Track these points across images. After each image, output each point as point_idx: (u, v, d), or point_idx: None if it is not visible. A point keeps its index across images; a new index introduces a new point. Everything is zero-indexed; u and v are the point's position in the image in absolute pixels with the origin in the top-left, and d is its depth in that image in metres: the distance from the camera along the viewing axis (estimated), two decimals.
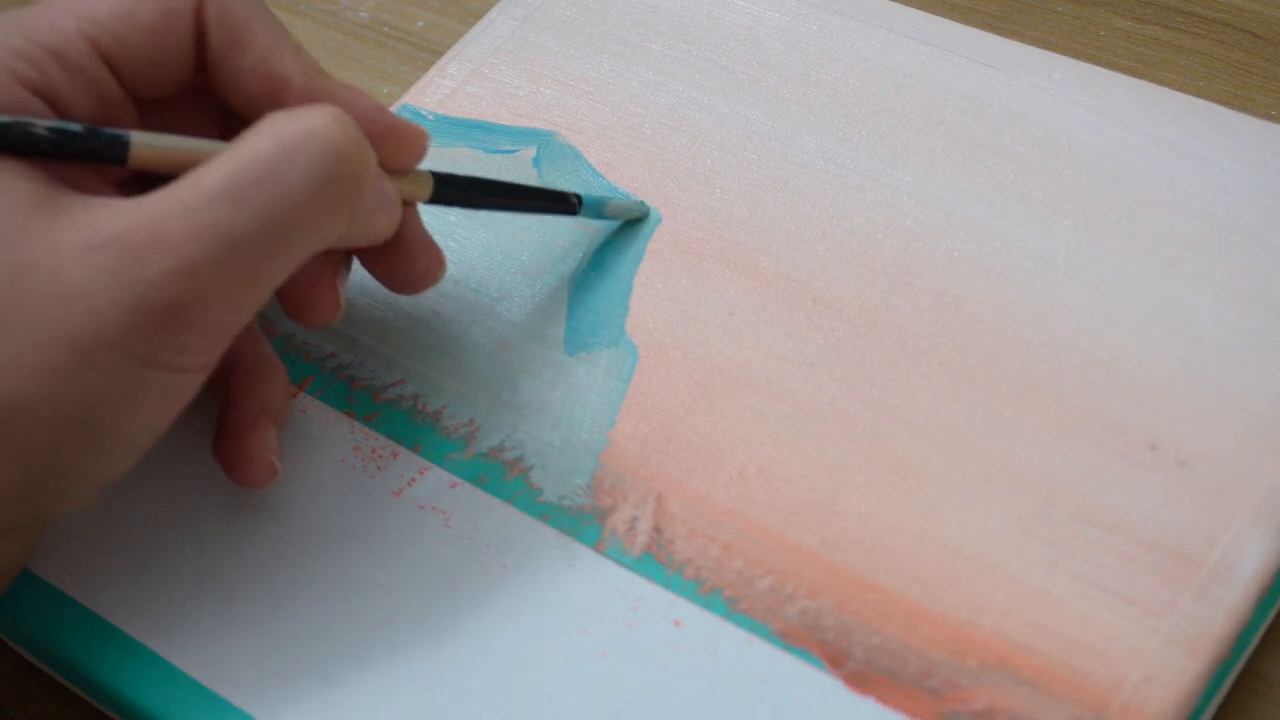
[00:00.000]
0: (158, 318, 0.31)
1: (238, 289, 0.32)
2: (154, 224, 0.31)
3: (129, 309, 0.30)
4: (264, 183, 0.31)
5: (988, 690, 0.32)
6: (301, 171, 0.32)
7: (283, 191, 0.31)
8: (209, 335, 0.32)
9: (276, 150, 0.31)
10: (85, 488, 0.33)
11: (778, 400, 0.37)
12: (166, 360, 0.31)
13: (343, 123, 0.32)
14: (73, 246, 0.30)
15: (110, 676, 0.35)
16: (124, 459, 0.33)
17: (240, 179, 0.31)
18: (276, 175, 0.31)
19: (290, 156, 0.31)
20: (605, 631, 0.34)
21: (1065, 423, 0.36)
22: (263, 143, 0.32)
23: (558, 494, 0.37)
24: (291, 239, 0.32)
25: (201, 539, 0.37)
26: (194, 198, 0.31)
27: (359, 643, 0.35)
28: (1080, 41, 0.46)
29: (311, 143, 0.32)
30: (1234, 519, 0.34)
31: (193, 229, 0.31)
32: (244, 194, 0.31)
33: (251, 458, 0.36)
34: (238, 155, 0.31)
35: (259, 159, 0.31)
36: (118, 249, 0.30)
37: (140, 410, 0.32)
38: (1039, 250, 0.39)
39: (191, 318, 0.31)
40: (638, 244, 0.40)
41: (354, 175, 0.33)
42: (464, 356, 0.39)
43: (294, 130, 0.32)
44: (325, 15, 0.52)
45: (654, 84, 0.44)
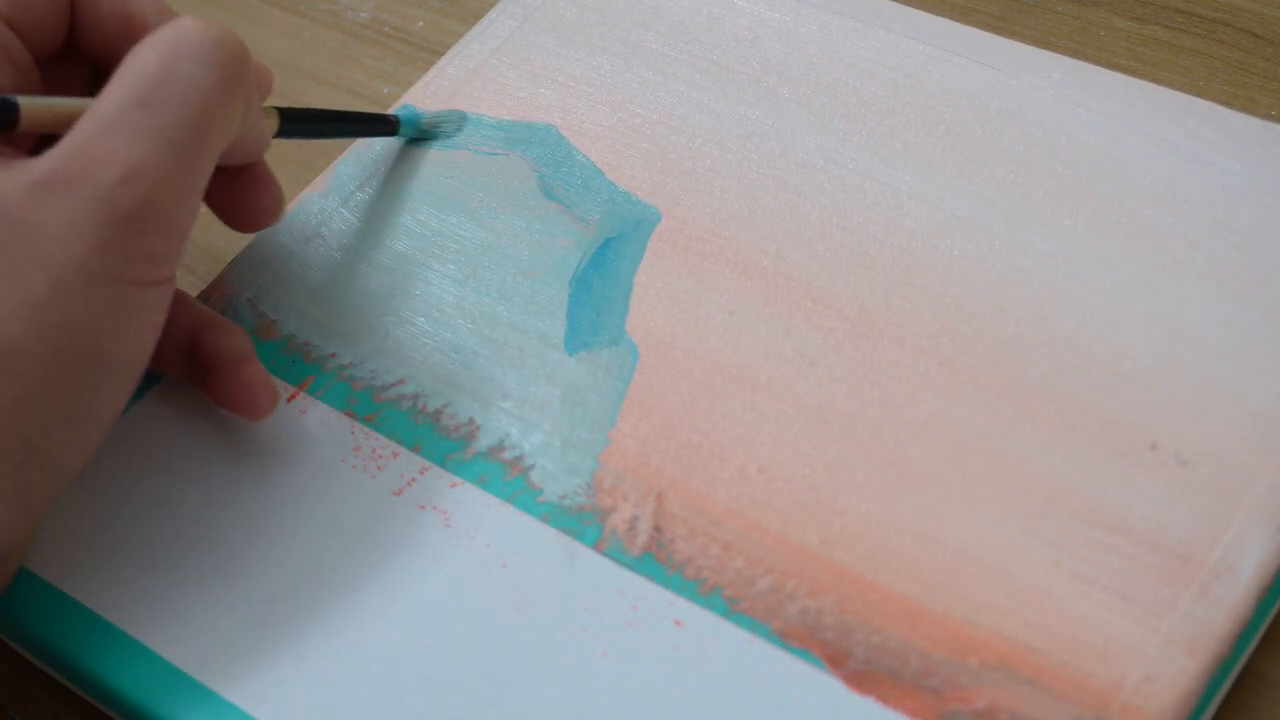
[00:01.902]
0: (118, 229, 0.32)
1: (179, 182, 0.33)
2: (83, 148, 0.32)
3: (90, 227, 0.32)
4: (164, 81, 0.33)
5: (988, 689, 0.32)
6: (192, 60, 0.33)
7: (184, 81, 0.33)
8: (166, 237, 0.33)
9: (162, 53, 0.33)
10: (87, 432, 0.34)
11: (778, 400, 0.37)
12: (135, 273, 0.33)
13: (209, 20, 0.34)
14: (17, 189, 0.32)
15: (109, 675, 0.35)
16: (115, 392, 0.34)
17: (142, 85, 0.33)
18: (172, 71, 0.33)
19: (176, 53, 0.33)
20: (605, 631, 0.34)
21: (1065, 422, 0.36)
22: (146, 54, 0.34)
23: (558, 493, 0.37)
24: (207, 123, 0.34)
25: (201, 538, 0.37)
26: (108, 116, 0.33)
27: (358, 642, 0.35)
28: (1080, 42, 0.46)
29: (190, 37, 0.34)
30: (1234, 518, 0.34)
31: (120, 140, 0.32)
32: (151, 96, 0.33)
33: (254, 383, 0.38)
34: (129, 72, 0.33)
35: (151, 65, 0.33)
36: (61, 179, 0.32)
37: (121, 332, 0.33)
38: (1039, 250, 0.39)
39: (148, 220, 0.33)
40: (638, 243, 0.40)
41: (237, 55, 0.34)
42: (464, 356, 0.39)
43: (169, 36, 0.34)
44: (325, 15, 0.52)
45: (654, 84, 0.44)
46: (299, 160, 0.47)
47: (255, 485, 0.38)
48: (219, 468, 0.38)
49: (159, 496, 0.38)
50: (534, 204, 0.42)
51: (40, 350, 0.32)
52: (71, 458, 0.34)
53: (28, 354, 0.31)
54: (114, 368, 0.33)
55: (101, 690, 0.35)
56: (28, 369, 0.32)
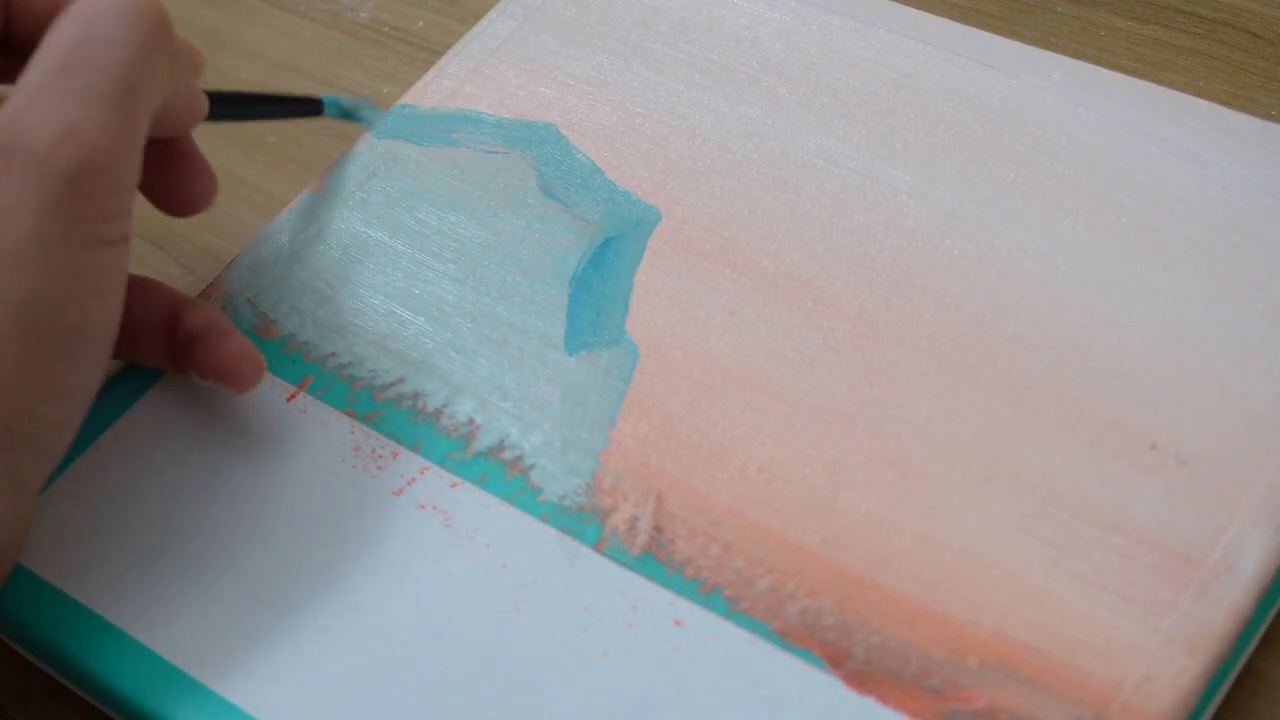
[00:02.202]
0: (62, 189, 0.32)
1: (116, 138, 0.33)
2: (15, 117, 0.33)
3: (33, 191, 0.32)
4: (87, 44, 0.33)
5: (988, 689, 0.32)
6: (111, 23, 0.34)
7: (105, 43, 0.33)
8: (111, 194, 0.33)
9: (79, 23, 0.34)
10: (70, 406, 0.33)
11: (778, 399, 0.37)
12: (88, 233, 0.33)
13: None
14: None
15: (107, 673, 0.35)
16: (89, 361, 0.34)
17: (66, 50, 0.33)
18: (90, 36, 0.33)
19: (93, 19, 0.34)
20: (605, 631, 0.34)
21: (1065, 422, 0.36)
22: (64, 26, 0.34)
23: (558, 493, 0.37)
24: (135, 77, 0.34)
25: (200, 537, 0.37)
26: (35, 83, 0.33)
27: (357, 641, 0.35)
28: (1080, 42, 0.46)
29: (104, 3, 0.34)
30: (1234, 518, 0.34)
31: (50, 103, 0.32)
32: (75, 60, 0.33)
33: (238, 354, 0.38)
34: (51, 41, 0.34)
35: (68, 34, 0.33)
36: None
37: (83, 296, 0.33)
38: (1039, 250, 0.39)
39: (90, 179, 0.33)
40: (638, 243, 0.40)
41: (155, 12, 0.34)
42: (464, 356, 0.39)
43: (85, 5, 0.34)
44: (325, 15, 0.52)
45: (654, 84, 0.44)
46: (299, 160, 0.47)
47: (254, 484, 0.38)
48: (217, 467, 0.38)
49: (157, 495, 0.38)
50: (534, 203, 0.42)
51: (6, 328, 0.32)
52: (56, 435, 0.33)
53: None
54: (83, 336, 0.33)
55: (100, 689, 0.35)
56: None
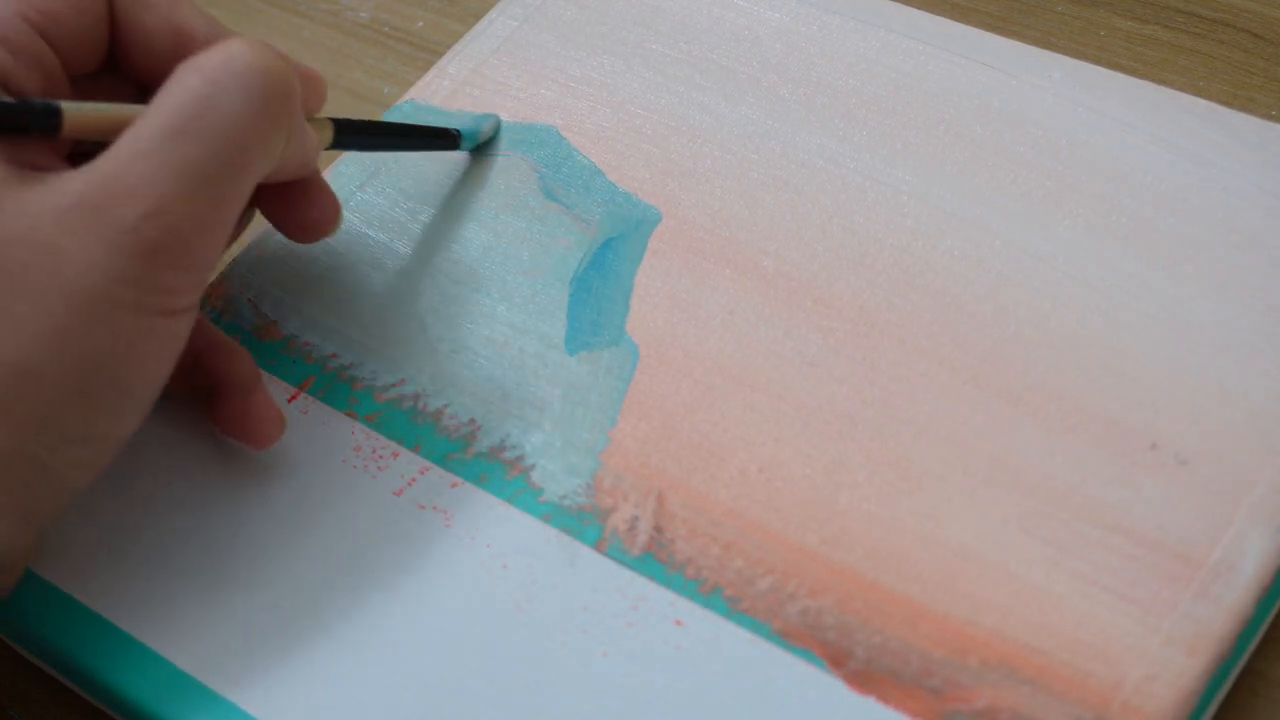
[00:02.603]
0: (142, 261, 0.32)
1: (208, 218, 0.33)
2: (115, 174, 0.32)
3: (114, 258, 0.32)
4: (203, 113, 0.33)
5: (989, 689, 0.32)
6: (234, 93, 0.33)
7: (223, 115, 0.33)
8: (191, 270, 0.33)
9: (205, 81, 0.33)
10: (97, 450, 0.34)
11: (778, 400, 0.37)
12: (157, 303, 0.32)
13: (257, 46, 0.34)
14: (46, 212, 0.32)
15: (112, 676, 0.35)
16: (130, 416, 0.34)
17: (181, 115, 0.32)
18: (213, 103, 0.33)
19: (220, 84, 0.33)
20: (606, 631, 0.34)
21: (1065, 422, 0.36)
22: (190, 80, 0.33)
23: (558, 493, 0.37)
24: (243, 159, 0.33)
25: (202, 539, 0.37)
26: (143, 143, 0.32)
27: (360, 642, 0.35)
28: (1080, 42, 0.46)
29: (236, 66, 0.33)
30: (1234, 518, 0.34)
31: (152, 169, 0.32)
32: (188, 127, 0.32)
33: (263, 413, 0.37)
34: (170, 97, 0.33)
35: (193, 93, 0.33)
36: (89, 205, 0.32)
37: (139, 359, 0.33)
38: (1039, 250, 0.39)
39: (173, 254, 0.32)
40: (638, 244, 0.40)
41: (282, 89, 0.34)
42: (465, 357, 0.39)
43: (215, 62, 0.33)
44: (325, 15, 0.52)
45: (654, 84, 0.44)
46: None
47: (256, 486, 0.38)
48: (220, 468, 0.38)
49: (160, 497, 0.38)
50: (535, 204, 0.42)
51: (58, 374, 0.32)
52: (79, 476, 0.34)
53: (45, 377, 0.31)
54: (131, 393, 0.33)
55: (103, 690, 0.35)
56: (44, 392, 0.32)
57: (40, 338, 0.31)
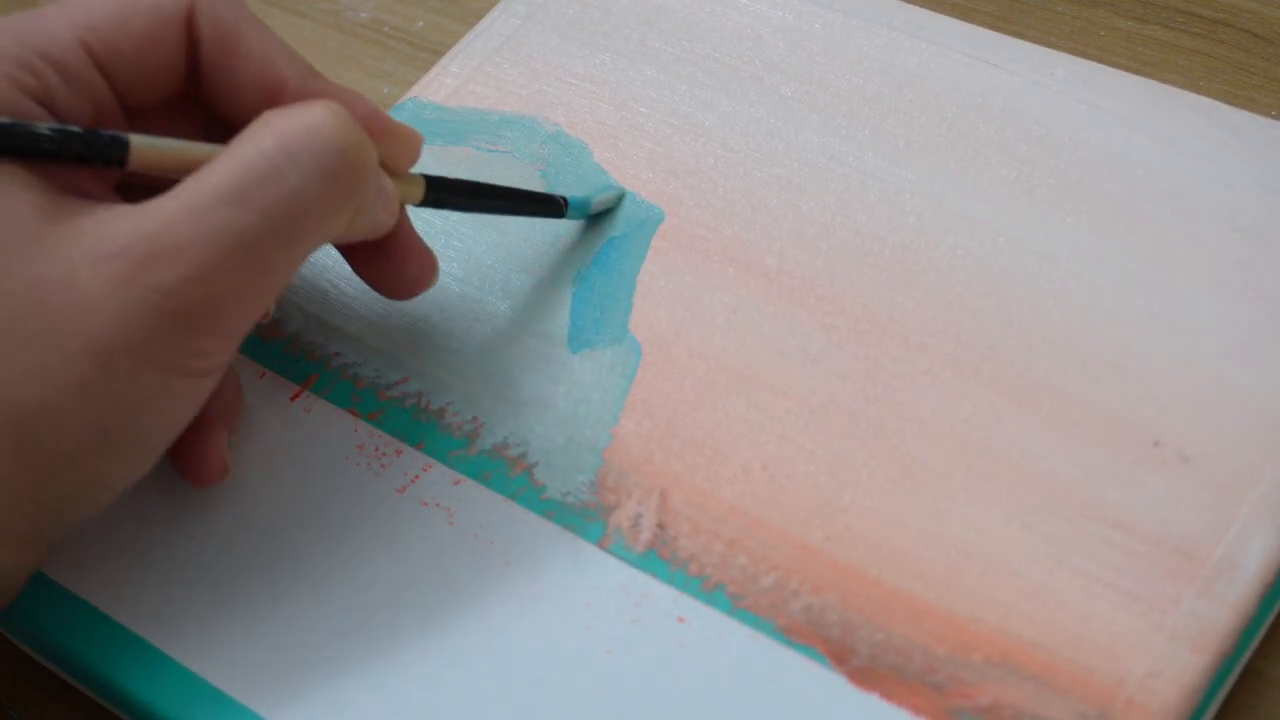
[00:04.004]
0: (174, 323, 0.31)
1: (250, 289, 0.32)
2: (162, 230, 0.31)
3: (146, 316, 0.31)
4: (267, 183, 0.31)
5: (992, 686, 0.32)
6: (304, 169, 0.32)
7: (287, 190, 0.31)
8: (224, 336, 0.32)
9: (277, 149, 0.31)
10: (105, 493, 0.33)
11: (781, 397, 0.37)
12: (184, 364, 0.32)
13: (341, 118, 0.32)
14: (84, 256, 0.31)
15: (117, 675, 0.35)
16: (143, 463, 0.33)
17: (244, 180, 0.31)
18: (280, 174, 0.31)
19: (291, 154, 0.32)
20: (609, 628, 0.34)
21: (1068, 419, 0.36)
22: (263, 143, 0.32)
23: (561, 491, 0.37)
24: (298, 236, 0.32)
25: (207, 538, 0.37)
26: (199, 202, 0.31)
27: (363, 640, 0.35)
28: (1080, 41, 0.47)
29: (312, 140, 0.32)
30: (1237, 515, 0.34)
31: (201, 234, 0.31)
32: (249, 195, 0.31)
33: (206, 457, 0.36)
34: (239, 156, 0.31)
35: (262, 159, 0.31)
36: (129, 258, 0.31)
37: (160, 414, 0.32)
38: (1042, 247, 0.39)
39: (207, 321, 0.31)
40: (641, 242, 0.41)
41: (356, 170, 0.33)
42: (468, 354, 0.39)
43: (293, 128, 0.32)
44: (325, 15, 0.52)
45: (657, 82, 0.44)
46: None
47: (259, 484, 0.38)
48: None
49: (167, 499, 0.38)
50: None
51: (74, 424, 0.31)
52: (84, 513, 0.33)
53: (61, 425, 0.31)
54: (146, 445, 0.33)
55: (109, 689, 0.35)
56: (60, 438, 0.31)
57: (62, 386, 0.30)
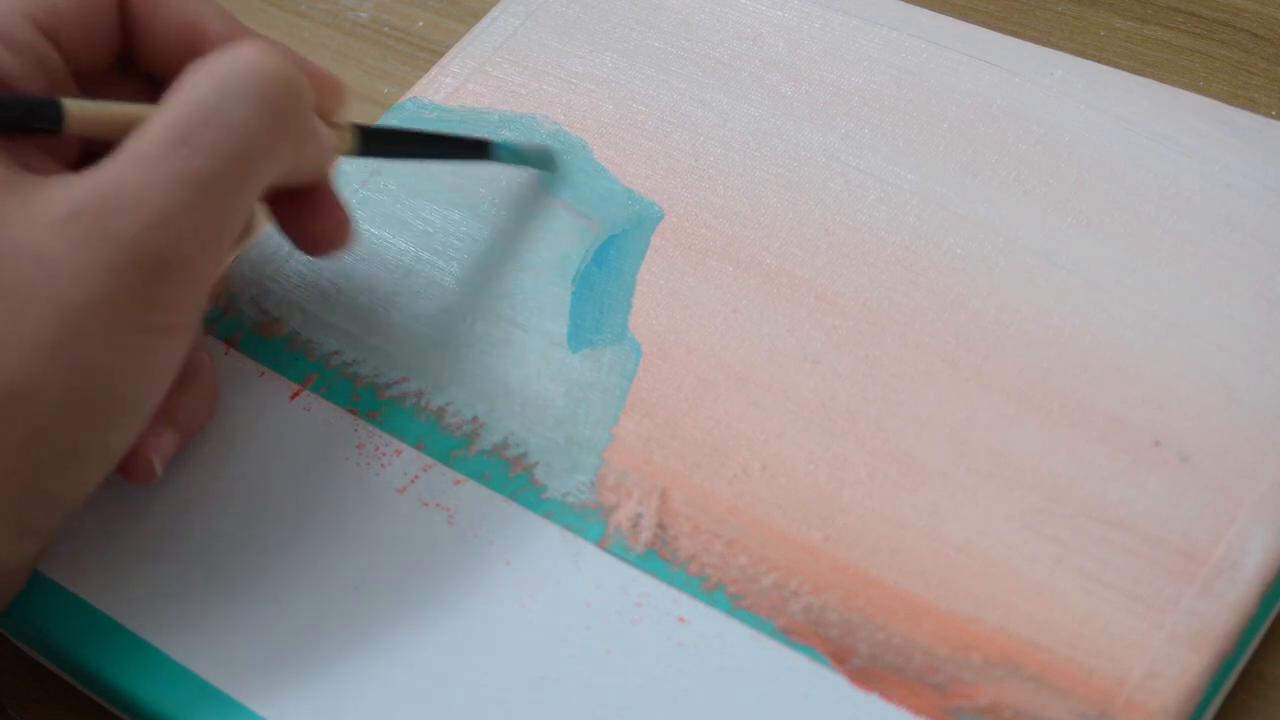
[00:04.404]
0: (142, 274, 0.31)
1: (209, 230, 0.32)
2: (117, 184, 0.31)
3: (113, 271, 0.31)
4: (210, 122, 0.32)
5: (992, 686, 0.32)
6: (243, 103, 0.32)
7: (230, 127, 0.32)
8: (190, 285, 0.32)
9: (214, 89, 0.32)
10: (94, 467, 0.33)
11: (781, 397, 0.37)
12: (155, 320, 0.32)
13: (271, 52, 0.33)
14: (43, 221, 0.31)
15: (117, 675, 0.35)
16: (125, 432, 0.33)
17: (187, 123, 0.32)
18: (220, 112, 0.32)
19: (229, 91, 0.32)
20: (609, 628, 0.34)
21: (1068, 419, 0.36)
22: (199, 85, 0.32)
23: (561, 491, 0.37)
24: (249, 171, 0.33)
25: (207, 537, 0.37)
26: (147, 151, 0.32)
27: (363, 640, 0.35)
28: (1080, 41, 0.47)
29: (247, 75, 0.32)
30: (1237, 515, 0.34)
31: (155, 181, 0.31)
32: (194, 136, 0.32)
33: (135, 451, 0.35)
34: (178, 103, 0.32)
35: (200, 101, 0.32)
36: (90, 215, 0.31)
37: (136, 377, 0.32)
38: (1042, 247, 0.39)
39: (171, 269, 0.32)
40: (641, 241, 0.41)
41: (294, 98, 0.33)
42: (467, 354, 0.39)
43: (226, 67, 0.32)
44: (325, 15, 0.52)
45: (657, 81, 0.44)
46: None
47: (258, 483, 0.38)
48: (222, 466, 0.38)
49: (165, 498, 0.38)
50: (537, 201, 0.42)
51: (52, 392, 0.31)
52: (75, 491, 0.33)
53: (38, 395, 0.31)
54: (126, 410, 0.33)
55: (109, 690, 0.35)
56: (37, 410, 0.31)
57: (34, 355, 0.30)
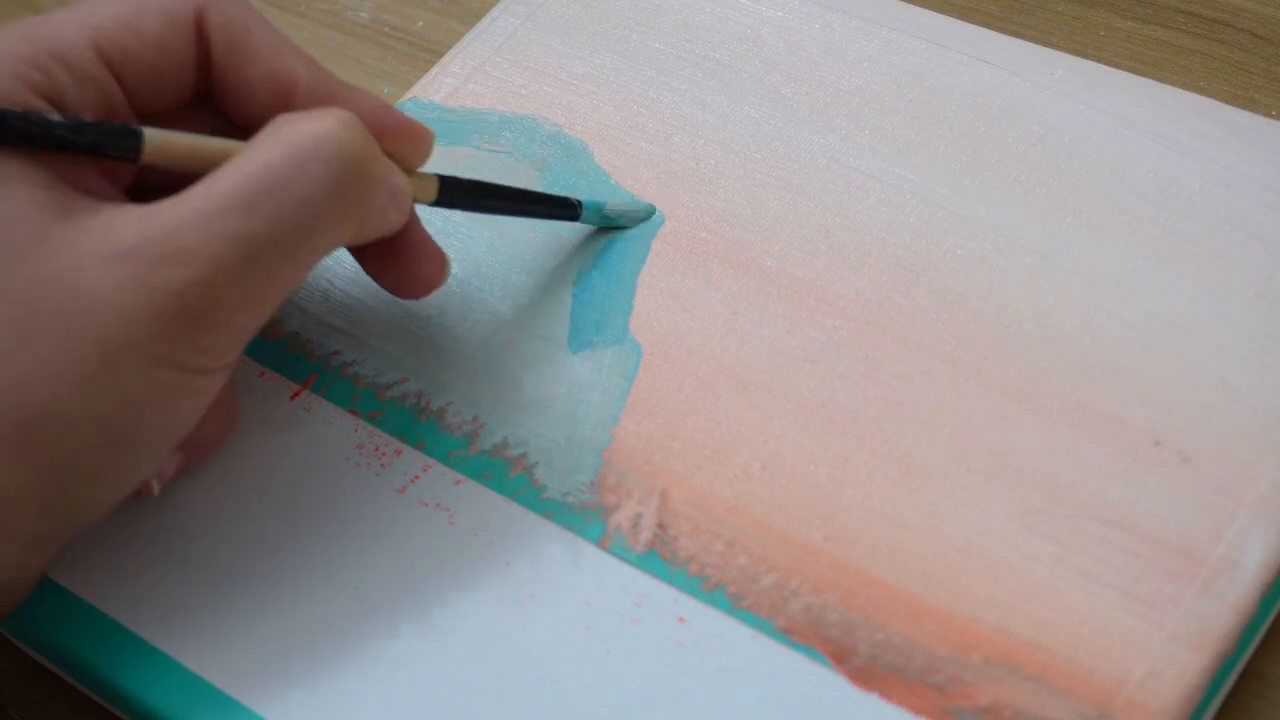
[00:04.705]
0: (181, 323, 0.31)
1: (256, 292, 0.32)
2: (171, 233, 0.31)
3: (153, 315, 0.31)
4: (275, 191, 0.32)
5: (992, 686, 0.32)
6: (312, 179, 0.32)
7: (294, 199, 0.32)
8: (230, 337, 0.33)
9: (286, 158, 0.32)
10: (109, 492, 0.33)
11: (781, 397, 0.37)
12: (191, 363, 0.32)
13: (351, 126, 0.33)
14: (93, 256, 0.31)
15: (117, 675, 0.35)
16: (150, 461, 0.33)
17: (252, 188, 0.32)
18: (288, 183, 0.32)
19: (300, 164, 0.32)
20: (609, 628, 0.34)
21: (1068, 419, 0.36)
22: (273, 151, 0.32)
23: (562, 491, 0.37)
24: (304, 244, 0.33)
25: (208, 538, 0.37)
26: (208, 206, 0.31)
27: (363, 640, 0.35)
28: (1080, 41, 0.47)
29: (321, 149, 0.32)
30: (1237, 515, 0.34)
31: (210, 238, 0.31)
32: (257, 203, 0.32)
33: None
34: (248, 163, 0.32)
35: (270, 167, 0.32)
36: (138, 259, 0.31)
37: (167, 412, 0.32)
38: (1042, 247, 0.39)
39: (214, 322, 0.32)
40: (641, 243, 0.41)
41: (363, 179, 0.33)
42: (468, 354, 0.39)
43: (303, 137, 0.32)
44: (325, 15, 0.52)
45: (657, 83, 0.44)
46: None
47: (259, 483, 0.38)
48: (222, 466, 0.38)
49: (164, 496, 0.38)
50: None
51: (83, 420, 0.31)
52: (90, 513, 0.34)
53: (70, 421, 0.31)
54: (153, 442, 0.33)
55: (110, 690, 0.35)
56: (67, 435, 0.31)
57: (69, 382, 0.31)
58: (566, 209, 0.40)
